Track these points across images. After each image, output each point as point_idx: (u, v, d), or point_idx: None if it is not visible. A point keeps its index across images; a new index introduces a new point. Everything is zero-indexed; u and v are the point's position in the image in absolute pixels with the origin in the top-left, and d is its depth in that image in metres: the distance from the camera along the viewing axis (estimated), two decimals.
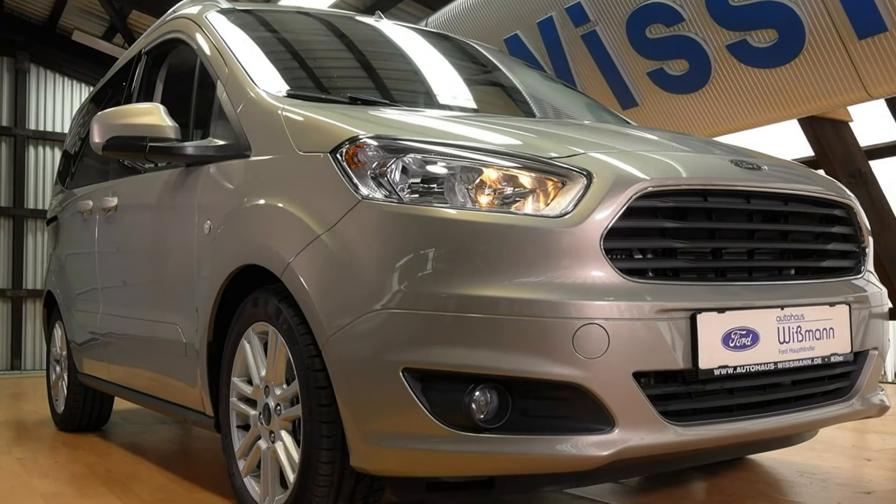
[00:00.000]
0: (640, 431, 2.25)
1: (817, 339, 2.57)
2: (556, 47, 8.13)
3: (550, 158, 2.42)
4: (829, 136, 7.71)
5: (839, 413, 2.69)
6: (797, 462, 3.90)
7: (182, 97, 3.70)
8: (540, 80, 4.61)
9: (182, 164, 3.41)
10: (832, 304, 2.64)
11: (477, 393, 2.25)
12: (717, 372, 2.34)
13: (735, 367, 2.38)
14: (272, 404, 2.76)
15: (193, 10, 3.90)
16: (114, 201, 4.24)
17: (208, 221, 3.17)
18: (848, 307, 2.68)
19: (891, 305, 2.99)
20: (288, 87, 3.18)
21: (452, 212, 2.32)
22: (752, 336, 2.41)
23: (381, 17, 4.40)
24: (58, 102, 17.78)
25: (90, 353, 4.68)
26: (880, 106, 7.88)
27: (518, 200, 2.35)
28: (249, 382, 2.92)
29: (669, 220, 2.40)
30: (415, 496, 2.50)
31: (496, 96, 4.16)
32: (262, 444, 2.82)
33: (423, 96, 3.69)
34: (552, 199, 2.34)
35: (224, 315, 3.09)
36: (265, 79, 3.21)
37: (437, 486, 2.46)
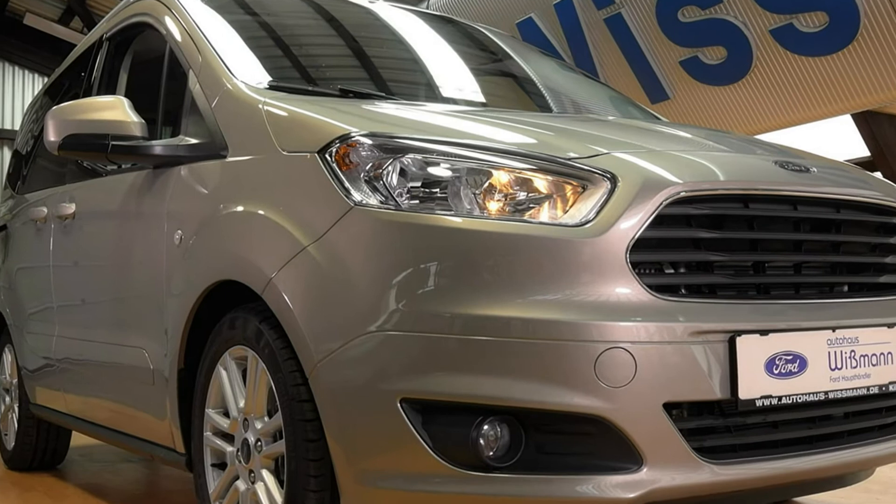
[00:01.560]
0: (671, 470, 2.25)
1: (874, 366, 2.57)
2: (576, 32, 8.16)
3: (569, 159, 2.43)
4: (887, 134, 7.73)
5: None
6: None
7: (149, 89, 3.71)
8: (557, 69, 4.62)
9: (149, 165, 3.42)
10: (891, 326, 2.64)
11: (485, 426, 2.26)
12: (759, 403, 2.34)
13: (780, 398, 2.37)
14: (252, 439, 2.77)
15: None
16: (71, 208, 4.25)
17: (179, 231, 3.18)
18: None
19: None
20: (270, 78, 3.19)
21: (457, 220, 2.33)
22: (800, 362, 2.42)
23: None
24: (7, 95, 17.82)
25: (44, 382, 4.69)
26: None
27: (532, 207, 2.36)
28: (226, 415, 2.92)
29: (705, 230, 2.40)
30: None
31: (507, 88, 4.17)
32: (241, 484, 2.83)
33: (424, 88, 3.70)
34: (571, 206, 2.35)
35: (197, 338, 3.09)
36: (244, 68, 3.22)
37: None
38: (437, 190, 2.40)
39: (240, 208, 2.86)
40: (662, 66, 7.63)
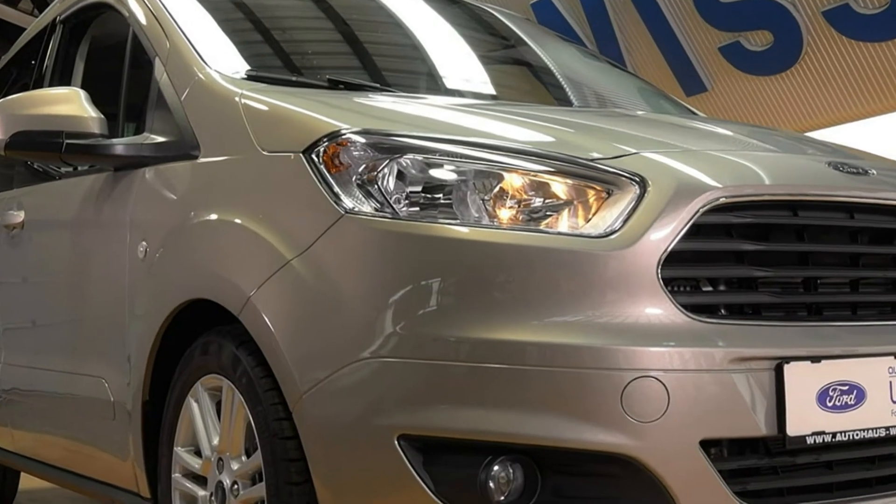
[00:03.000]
0: None
1: None
2: (600, 14, 8.18)
3: (592, 160, 2.44)
4: None
5: None
6: None
7: (109, 80, 3.72)
8: (578, 57, 4.63)
9: (109, 167, 3.43)
10: None
11: (496, 467, 2.26)
12: (810, 440, 2.34)
13: (834, 434, 2.37)
14: (227, 482, 2.77)
15: None
16: (20, 216, 4.26)
17: (144, 242, 3.18)
18: None
19: None
20: (248, 67, 3.21)
21: (464, 230, 2.34)
22: (857, 393, 2.42)
23: None
24: None
25: None
26: None
27: (550, 215, 2.36)
28: (198, 454, 2.92)
29: (748, 241, 2.41)
30: None
31: (521, 79, 4.18)
32: None
33: (425, 79, 3.71)
34: (594, 214, 2.36)
35: (165, 366, 3.09)
36: (218, 56, 3.23)
37: None
38: (441, 195, 2.40)
39: (213, 216, 2.86)
40: (699, 54, 7.64)
